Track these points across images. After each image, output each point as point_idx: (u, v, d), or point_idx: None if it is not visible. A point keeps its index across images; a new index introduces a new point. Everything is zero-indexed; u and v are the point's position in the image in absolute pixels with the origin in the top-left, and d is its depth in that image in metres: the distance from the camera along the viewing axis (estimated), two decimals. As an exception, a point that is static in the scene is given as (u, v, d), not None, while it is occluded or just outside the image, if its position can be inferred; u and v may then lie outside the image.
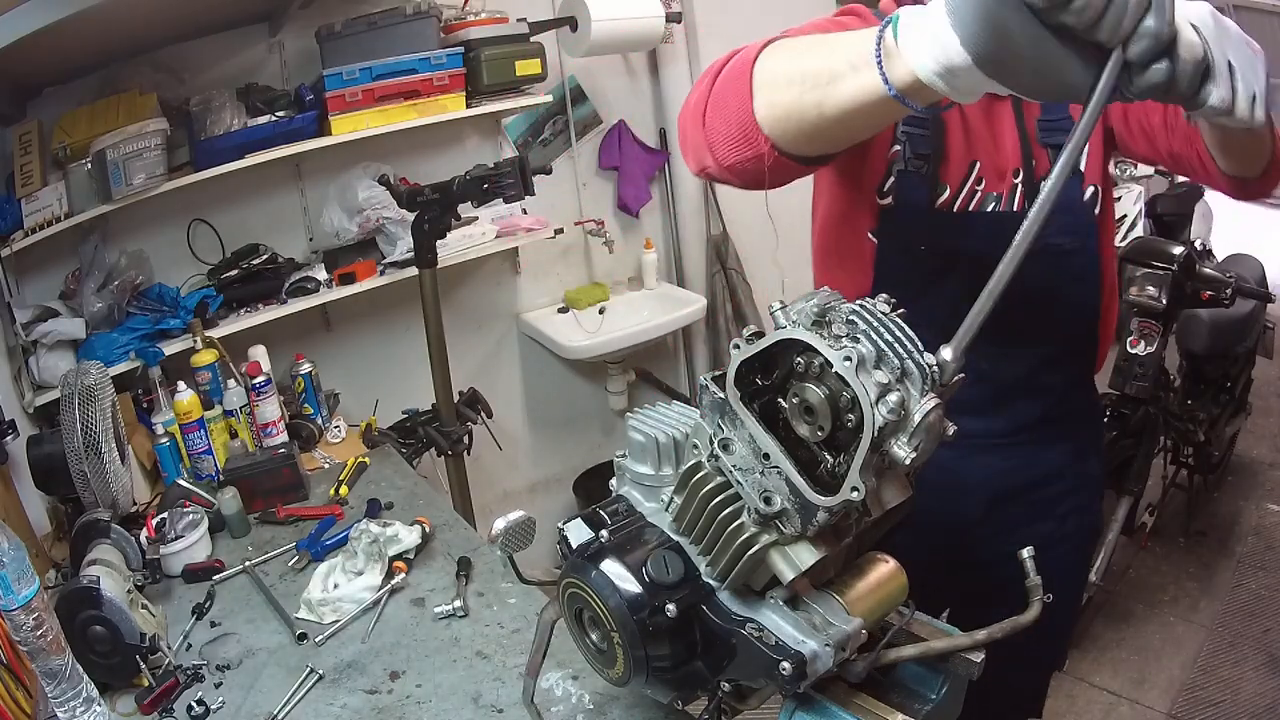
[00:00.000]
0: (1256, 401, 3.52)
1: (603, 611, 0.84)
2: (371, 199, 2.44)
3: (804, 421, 0.75)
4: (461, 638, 1.44)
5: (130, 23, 2.05)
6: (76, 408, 1.68)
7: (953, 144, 1.21)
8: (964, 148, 1.22)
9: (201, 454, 2.07)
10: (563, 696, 1.23)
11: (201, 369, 2.16)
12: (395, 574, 1.60)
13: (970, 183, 1.22)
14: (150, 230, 2.38)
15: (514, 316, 3.10)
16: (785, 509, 0.76)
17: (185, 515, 1.77)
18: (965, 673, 0.89)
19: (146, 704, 1.32)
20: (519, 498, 3.23)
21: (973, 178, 1.22)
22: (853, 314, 0.74)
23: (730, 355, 0.77)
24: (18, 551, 1.09)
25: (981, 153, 1.22)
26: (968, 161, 1.22)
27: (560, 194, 3.03)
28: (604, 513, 0.92)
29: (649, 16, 2.72)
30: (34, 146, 2.14)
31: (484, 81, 2.50)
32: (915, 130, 1.20)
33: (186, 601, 1.61)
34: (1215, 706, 2.42)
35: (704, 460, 0.82)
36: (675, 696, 0.95)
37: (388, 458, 2.20)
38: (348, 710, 1.30)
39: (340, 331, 2.74)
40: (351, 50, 2.37)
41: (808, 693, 0.84)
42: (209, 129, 2.25)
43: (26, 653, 1.14)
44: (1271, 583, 2.87)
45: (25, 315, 2.16)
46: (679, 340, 3.43)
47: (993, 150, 1.22)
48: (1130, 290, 2.69)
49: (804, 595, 0.82)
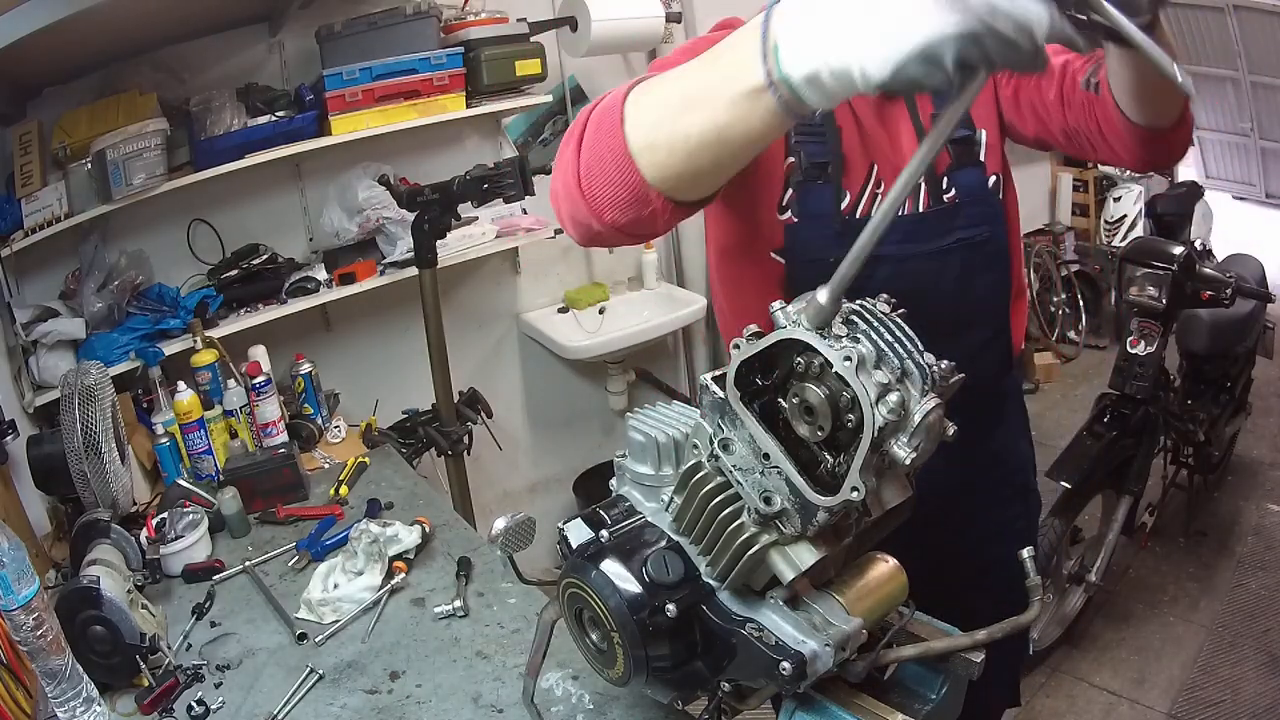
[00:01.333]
0: (1256, 401, 3.52)
1: (603, 611, 0.84)
2: (371, 199, 2.44)
3: (804, 421, 0.75)
4: (461, 638, 1.44)
5: (130, 23, 2.05)
6: (76, 408, 1.68)
7: (849, 148, 1.19)
8: (860, 150, 1.19)
9: (201, 454, 2.07)
10: (563, 696, 1.23)
11: (201, 369, 2.16)
12: (395, 574, 1.60)
13: (870, 186, 1.20)
14: (150, 230, 2.38)
15: (514, 316, 3.10)
16: (785, 509, 0.76)
17: (185, 515, 1.77)
18: (965, 673, 0.89)
19: (146, 704, 1.32)
20: (519, 498, 3.23)
21: (872, 181, 1.20)
22: (853, 314, 0.74)
23: (730, 355, 0.77)
24: (18, 551, 1.09)
25: (878, 154, 1.20)
26: (866, 164, 1.19)
27: (560, 194, 3.03)
28: (604, 513, 0.92)
29: (649, 16, 2.72)
30: (34, 146, 2.14)
31: (484, 81, 2.50)
32: (808, 139, 1.18)
33: (186, 601, 1.61)
34: (1215, 707, 2.42)
35: (704, 460, 0.82)
36: (675, 696, 0.95)
37: (388, 458, 2.20)
38: (348, 710, 1.30)
39: (340, 331, 2.74)
40: (351, 50, 2.37)
41: (808, 693, 0.84)
42: (209, 129, 2.25)
43: (26, 653, 1.14)
44: (1271, 583, 2.87)
45: (25, 315, 2.16)
46: (679, 340, 3.43)
47: (889, 150, 1.20)
48: (1130, 290, 2.69)
49: (804, 595, 0.83)
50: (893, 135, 1.20)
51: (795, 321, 0.73)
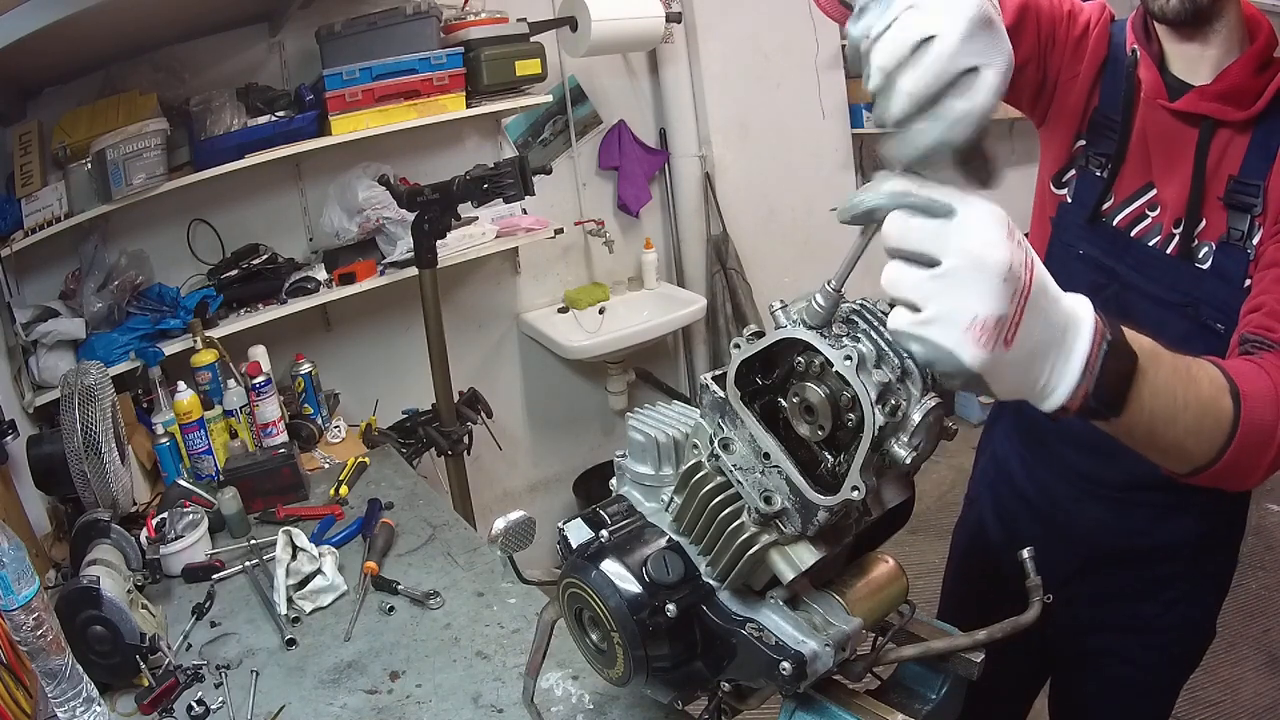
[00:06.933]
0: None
1: (603, 611, 0.84)
2: (371, 199, 2.44)
3: (804, 421, 0.75)
4: (461, 638, 1.44)
5: (130, 23, 2.05)
6: (76, 408, 1.68)
7: (1133, 154, 1.14)
8: (1141, 162, 1.14)
9: (201, 454, 2.07)
10: (563, 696, 1.23)
11: (201, 369, 2.16)
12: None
13: (1136, 201, 1.15)
14: (150, 230, 2.38)
15: (514, 316, 3.10)
16: (785, 508, 0.76)
17: (185, 515, 1.77)
18: (965, 673, 0.89)
19: (146, 704, 1.31)
20: (519, 498, 3.23)
21: (1145, 199, 1.14)
22: (853, 313, 0.74)
23: (730, 355, 0.77)
24: (18, 551, 1.09)
25: (1156, 175, 1.14)
26: (1141, 180, 1.15)
27: (560, 194, 3.03)
28: (604, 513, 0.92)
29: (649, 16, 2.72)
30: (34, 146, 2.14)
31: (484, 81, 2.50)
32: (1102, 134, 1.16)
33: (186, 601, 1.61)
34: (1215, 707, 2.42)
35: (704, 460, 0.82)
36: (675, 696, 0.95)
37: (388, 458, 2.20)
38: (348, 710, 1.30)
39: (340, 331, 2.74)
40: (351, 50, 2.37)
41: (808, 693, 0.84)
42: (209, 129, 2.25)
43: (26, 653, 1.14)
44: (1271, 583, 2.87)
45: (25, 315, 2.16)
46: (679, 340, 3.43)
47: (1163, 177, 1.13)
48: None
49: (804, 595, 0.82)
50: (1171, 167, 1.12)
51: (795, 321, 0.73)
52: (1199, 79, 1.07)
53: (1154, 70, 1.10)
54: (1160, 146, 1.12)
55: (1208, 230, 1.09)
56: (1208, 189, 1.08)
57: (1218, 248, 1.08)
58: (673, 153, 3.21)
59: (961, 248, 0.57)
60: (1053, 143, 1.23)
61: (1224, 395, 0.74)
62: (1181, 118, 1.09)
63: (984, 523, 1.46)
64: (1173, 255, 1.11)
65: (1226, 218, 1.06)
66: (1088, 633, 1.33)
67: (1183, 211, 1.10)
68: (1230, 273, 1.07)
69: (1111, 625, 1.31)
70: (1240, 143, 1.05)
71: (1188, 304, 1.11)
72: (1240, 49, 1.05)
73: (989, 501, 1.45)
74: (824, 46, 3.27)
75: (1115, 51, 1.15)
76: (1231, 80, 1.04)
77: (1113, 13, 1.18)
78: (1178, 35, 1.08)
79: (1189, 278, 1.10)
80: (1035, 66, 1.17)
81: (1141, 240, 1.14)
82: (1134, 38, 1.13)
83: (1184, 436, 0.74)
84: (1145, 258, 1.14)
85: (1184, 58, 1.09)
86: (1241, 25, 1.06)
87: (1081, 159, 1.19)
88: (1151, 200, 1.14)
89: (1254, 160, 1.04)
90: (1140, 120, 1.13)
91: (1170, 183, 1.12)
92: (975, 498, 1.50)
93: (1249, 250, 1.05)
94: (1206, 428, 0.74)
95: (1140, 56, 1.11)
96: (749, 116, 3.27)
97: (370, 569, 1.62)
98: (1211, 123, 1.06)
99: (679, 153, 3.21)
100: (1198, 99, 1.06)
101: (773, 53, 3.25)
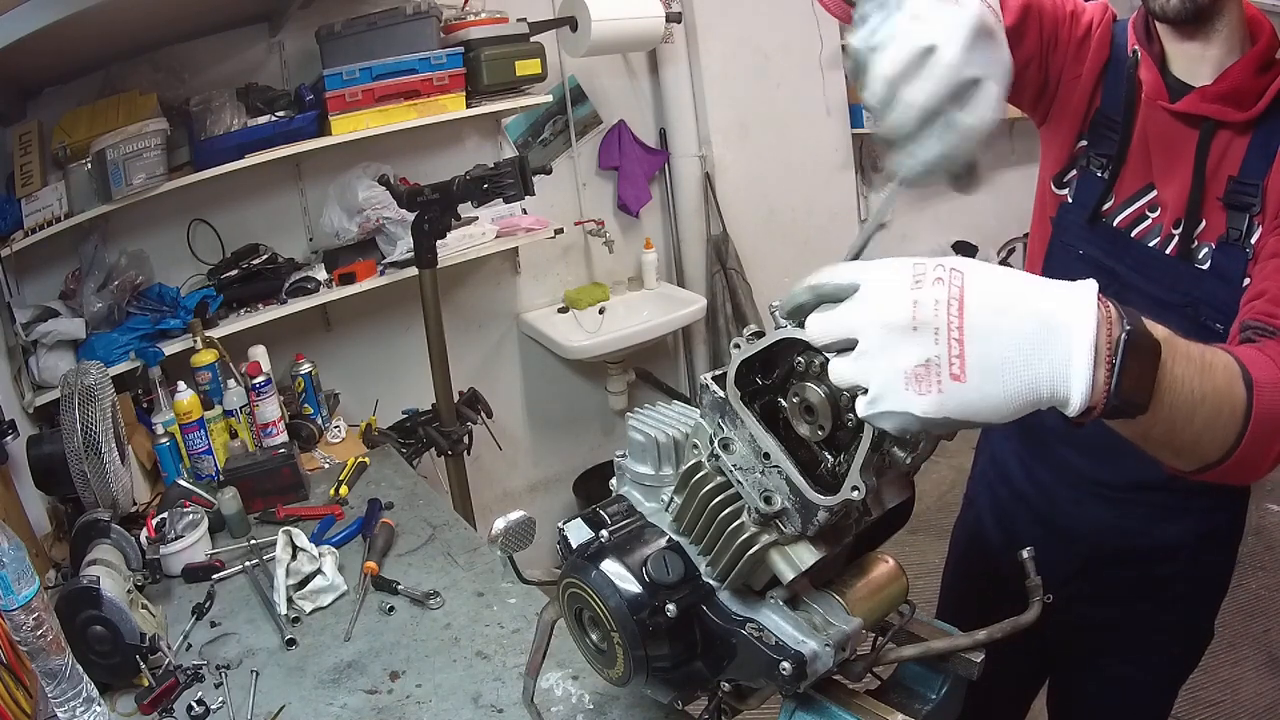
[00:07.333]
0: (1256, 401, 3.51)
1: (603, 611, 0.83)
2: (371, 199, 2.44)
3: (804, 421, 0.75)
4: (461, 638, 1.44)
5: (130, 23, 2.05)
6: (76, 408, 1.68)
7: (1134, 155, 1.15)
8: (1142, 163, 1.15)
9: (201, 454, 2.07)
10: (563, 696, 1.23)
11: (201, 369, 2.16)
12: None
13: (1136, 202, 1.15)
14: (150, 230, 2.38)
15: (514, 316, 3.10)
16: (785, 508, 0.76)
17: (185, 515, 1.77)
18: (965, 673, 0.89)
19: (146, 704, 1.31)
20: (519, 498, 3.23)
21: (1145, 200, 1.14)
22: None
23: (730, 355, 0.77)
24: (18, 551, 1.09)
25: (1156, 176, 1.14)
26: (1142, 181, 1.15)
27: (560, 194, 3.03)
28: (604, 513, 0.92)
29: (649, 16, 2.72)
30: (34, 146, 2.14)
31: (484, 81, 2.50)
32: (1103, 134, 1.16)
33: (186, 601, 1.61)
34: (1215, 707, 2.41)
35: (704, 460, 0.82)
36: (675, 696, 0.95)
37: (388, 458, 2.20)
38: (348, 710, 1.30)
39: (340, 331, 2.74)
40: (351, 50, 2.37)
41: (808, 693, 0.84)
42: (209, 129, 2.25)
43: (26, 653, 1.14)
44: (1271, 583, 2.87)
45: (25, 315, 2.16)
46: (679, 340, 3.43)
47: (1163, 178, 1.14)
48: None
49: (804, 595, 0.82)
50: (1171, 168, 1.12)
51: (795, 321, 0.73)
52: (1200, 79, 1.07)
53: (1155, 71, 1.10)
54: (1161, 147, 1.13)
55: (1207, 231, 1.09)
56: (1208, 190, 1.08)
57: (1217, 248, 1.08)
58: (673, 153, 3.21)
59: (866, 320, 0.59)
60: (1054, 143, 1.23)
61: (1237, 382, 0.72)
62: (1182, 119, 1.09)
63: (983, 523, 1.46)
64: (1172, 256, 1.12)
65: (1226, 218, 1.06)
66: (1088, 632, 1.33)
67: (1183, 212, 1.10)
68: (1229, 273, 1.07)
69: (1111, 625, 1.32)
70: (1240, 144, 1.05)
71: (1187, 304, 1.11)
72: (1241, 49, 1.05)
73: (988, 502, 1.45)
74: (827, 43, 3.27)
75: (1117, 52, 1.16)
76: (1232, 81, 1.04)
77: (1115, 13, 1.18)
78: (1179, 35, 1.08)
79: (1188, 278, 1.10)
80: (1037, 66, 1.17)
81: (1141, 241, 1.14)
82: (1135, 38, 1.13)
83: (1201, 430, 0.71)
84: (1145, 258, 1.14)
85: (1185, 58, 1.09)
86: (1243, 26, 1.06)
87: (1083, 159, 1.19)
88: (1152, 201, 1.14)
89: (1254, 161, 1.04)
90: (1141, 121, 1.13)
91: (1170, 183, 1.12)
92: (974, 498, 1.50)
93: (1248, 250, 1.05)
94: (1222, 419, 0.72)
95: (1141, 57, 1.12)
96: (749, 116, 3.27)
97: (370, 569, 1.62)
98: (1212, 124, 1.06)
99: (679, 153, 3.21)
100: (1198, 100, 1.07)
101: (773, 53, 3.25)
